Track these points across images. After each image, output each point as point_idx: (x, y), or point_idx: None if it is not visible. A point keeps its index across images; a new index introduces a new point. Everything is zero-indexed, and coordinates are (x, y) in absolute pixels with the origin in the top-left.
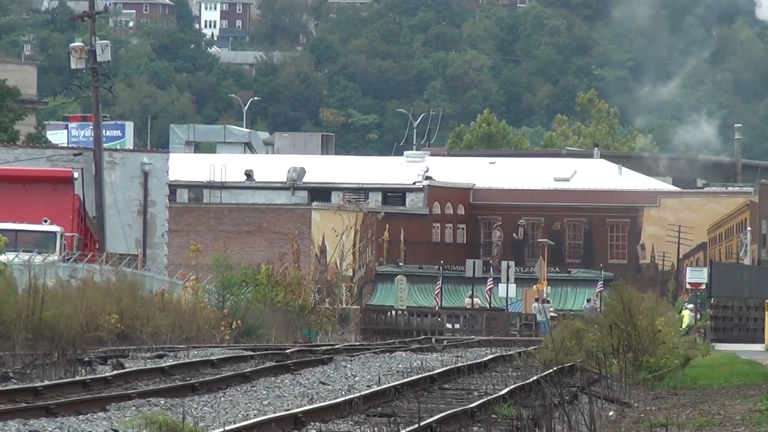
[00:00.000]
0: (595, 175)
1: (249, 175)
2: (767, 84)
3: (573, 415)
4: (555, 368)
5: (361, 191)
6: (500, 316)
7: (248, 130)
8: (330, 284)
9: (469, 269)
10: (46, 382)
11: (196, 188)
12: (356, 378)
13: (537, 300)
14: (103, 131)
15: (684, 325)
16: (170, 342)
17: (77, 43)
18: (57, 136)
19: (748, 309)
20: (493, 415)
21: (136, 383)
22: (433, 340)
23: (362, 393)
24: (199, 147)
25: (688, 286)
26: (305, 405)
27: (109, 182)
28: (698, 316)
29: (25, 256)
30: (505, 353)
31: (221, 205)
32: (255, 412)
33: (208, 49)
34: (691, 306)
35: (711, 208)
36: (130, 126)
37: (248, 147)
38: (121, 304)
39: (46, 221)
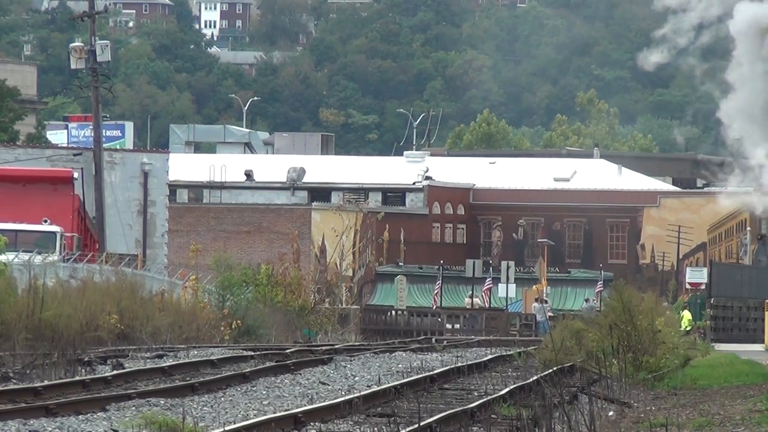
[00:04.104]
0: (595, 175)
1: (249, 175)
2: None
3: (573, 415)
4: (555, 368)
5: (361, 191)
6: (500, 316)
7: (248, 130)
8: (330, 284)
9: (468, 269)
10: (46, 382)
11: (196, 188)
12: (356, 378)
13: (537, 300)
14: (103, 131)
15: (684, 326)
16: (170, 342)
17: (77, 43)
18: (57, 136)
19: (748, 309)
20: (493, 415)
21: (136, 383)
22: (433, 340)
23: (362, 393)
24: (199, 147)
25: (688, 286)
26: (305, 405)
27: (109, 182)
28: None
29: (25, 256)
30: (505, 353)
31: (221, 205)
32: (255, 412)
33: (208, 49)
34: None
35: (711, 208)
36: (130, 126)
37: (248, 147)
38: (121, 304)
39: (46, 221)
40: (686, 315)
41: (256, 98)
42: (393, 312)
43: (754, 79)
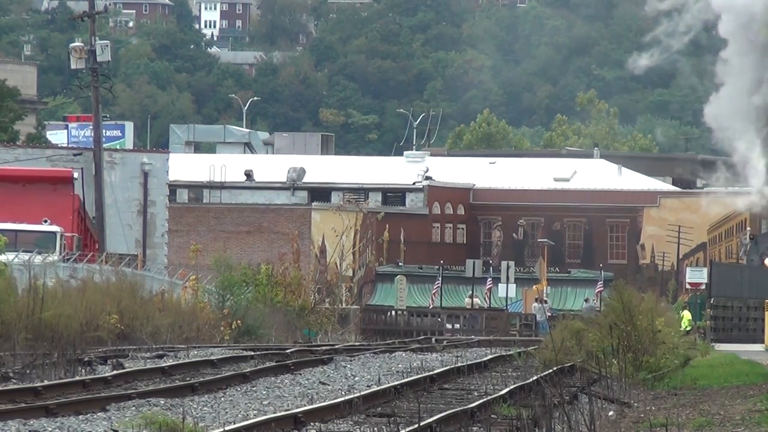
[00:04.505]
0: (595, 175)
1: (249, 175)
2: None
3: (573, 415)
4: (555, 368)
5: (361, 191)
6: (500, 316)
7: (248, 130)
8: (330, 284)
9: (469, 269)
10: (46, 382)
11: (196, 188)
12: (356, 378)
13: (537, 300)
14: (103, 131)
15: (684, 326)
16: (170, 342)
17: (77, 43)
18: (57, 136)
19: (748, 309)
20: (493, 415)
21: (136, 383)
22: (433, 340)
23: (362, 393)
24: (199, 147)
25: (688, 286)
26: (305, 405)
27: (109, 182)
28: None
29: (25, 256)
30: (505, 353)
31: (221, 205)
32: (255, 412)
33: (208, 49)
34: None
35: (710, 208)
36: (130, 126)
37: (248, 147)
38: (121, 304)
39: (46, 221)
40: (686, 315)
41: (256, 98)
42: (393, 312)
43: (743, 72)
